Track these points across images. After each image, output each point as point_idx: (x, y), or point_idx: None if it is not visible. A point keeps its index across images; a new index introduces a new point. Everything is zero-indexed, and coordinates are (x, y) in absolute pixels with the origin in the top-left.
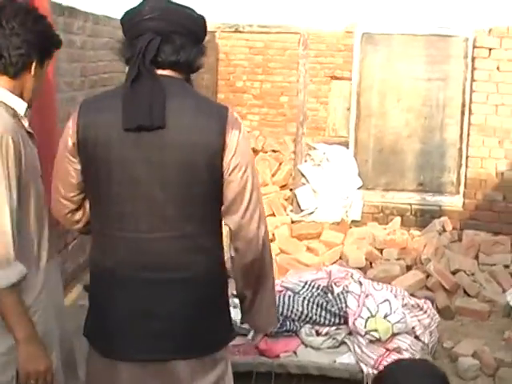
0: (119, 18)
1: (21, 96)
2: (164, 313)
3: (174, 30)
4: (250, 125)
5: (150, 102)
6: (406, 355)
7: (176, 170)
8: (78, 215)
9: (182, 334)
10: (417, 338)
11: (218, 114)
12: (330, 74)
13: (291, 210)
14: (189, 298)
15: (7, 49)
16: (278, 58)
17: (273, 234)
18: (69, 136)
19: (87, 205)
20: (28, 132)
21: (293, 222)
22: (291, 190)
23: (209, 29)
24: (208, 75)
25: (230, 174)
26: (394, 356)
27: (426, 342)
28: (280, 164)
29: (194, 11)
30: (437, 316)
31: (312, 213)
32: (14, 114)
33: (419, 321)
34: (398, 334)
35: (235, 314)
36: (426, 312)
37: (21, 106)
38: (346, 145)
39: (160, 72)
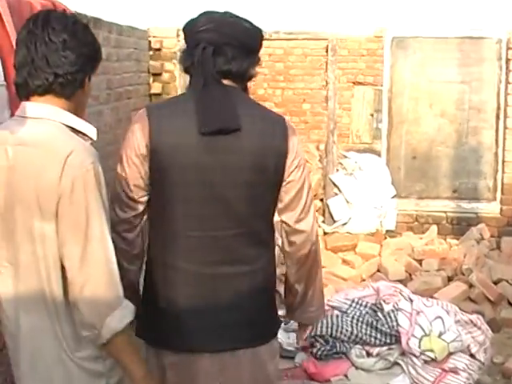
0: (142, 27)
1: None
2: (233, 304)
3: (226, 42)
4: None
5: (224, 107)
6: (464, 376)
7: (248, 172)
8: (139, 219)
9: (249, 324)
10: (472, 356)
11: (280, 121)
12: (353, 80)
13: (323, 221)
14: (254, 289)
15: (63, 66)
16: (299, 64)
17: None
18: (137, 141)
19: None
20: None
21: (325, 233)
22: (321, 200)
23: None
24: None
25: (290, 174)
26: (451, 377)
27: (482, 360)
28: (308, 173)
29: (250, 23)
30: (490, 331)
31: (345, 224)
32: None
33: (473, 338)
34: (453, 353)
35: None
36: (479, 328)
37: (91, 131)
38: (370, 151)
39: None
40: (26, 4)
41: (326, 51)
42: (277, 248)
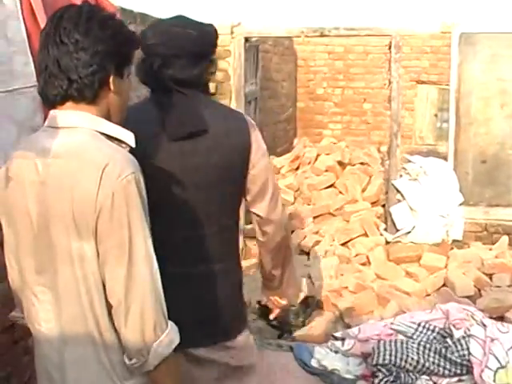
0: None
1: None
2: (210, 301)
3: (173, 54)
4: (332, 134)
5: (187, 112)
6: None
7: (218, 171)
8: None
9: (224, 320)
10: None
11: (242, 118)
12: (416, 79)
13: (385, 229)
14: (227, 286)
15: (76, 70)
16: (359, 62)
17: (367, 257)
18: None
19: None
20: None
21: (387, 242)
22: (383, 206)
23: (290, 34)
24: (287, 83)
25: (255, 167)
26: None
27: None
28: (370, 178)
29: (198, 29)
30: None
31: (409, 233)
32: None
33: None
34: None
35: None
36: None
37: (129, 137)
38: (434, 153)
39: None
40: None
41: (389, 48)
42: None
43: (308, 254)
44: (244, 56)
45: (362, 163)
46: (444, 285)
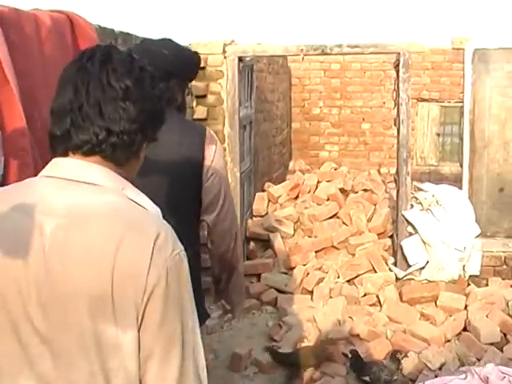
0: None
1: None
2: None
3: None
4: (328, 156)
5: None
6: None
7: (168, 178)
8: None
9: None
10: None
11: (199, 132)
12: (416, 96)
13: (393, 263)
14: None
15: (119, 122)
16: (357, 80)
17: (377, 297)
18: None
19: None
20: None
21: (397, 279)
22: (391, 237)
23: (288, 52)
24: (282, 103)
25: (208, 180)
26: None
27: None
28: (375, 206)
29: (173, 51)
30: None
31: (422, 268)
32: None
33: None
34: None
35: None
36: None
37: (154, 209)
38: (436, 174)
39: None
40: (28, 17)
41: (396, 66)
42: None
43: (311, 292)
44: (238, 77)
45: (365, 190)
46: (465, 329)
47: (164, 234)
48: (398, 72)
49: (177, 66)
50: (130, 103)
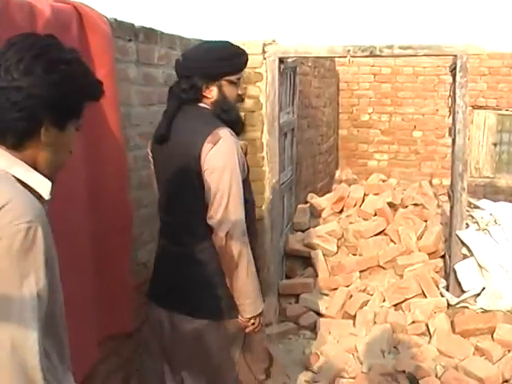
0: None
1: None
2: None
3: (187, 75)
4: (377, 165)
5: (162, 122)
6: None
7: (176, 173)
8: None
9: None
10: None
11: (205, 131)
12: (472, 103)
13: (445, 287)
14: (191, 268)
15: (2, 110)
16: (408, 85)
17: (426, 326)
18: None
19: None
20: None
21: (449, 305)
22: (443, 257)
23: (333, 53)
24: (328, 109)
25: (206, 181)
26: None
27: None
28: (426, 223)
29: (211, 51)
30: None
31: (478, 295)
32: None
33: None
34: None
35: None
36: None
37: (43, 187)
38: (492, 187)
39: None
40: (20, 7)
41: (452, 70)
42: None
43: (354, 317)
44: (279, 80)
45: (415, 204)
46: None
47: (11, 205)
48: (454, 76)
49: (188, 65)
50: (16, 92)
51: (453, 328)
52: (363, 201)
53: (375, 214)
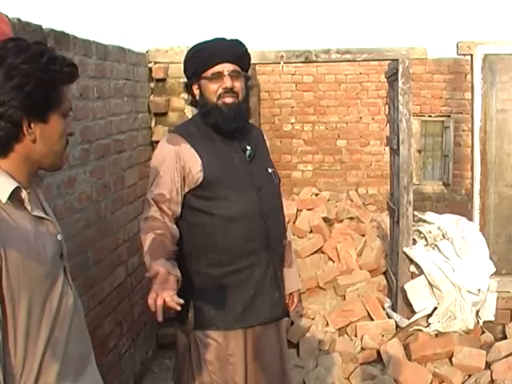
0: (138, 49)
1: (30, 170)
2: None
3: None
4: (301, 176)
5: None
6: None
7: None
8: None
9: None
10: None
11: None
12: None
13: (390, 307)
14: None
15: None
16: (331, 93)
17: (377, 353)
18: None
19: None
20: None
21: (398, 327)
22: (384, 273)
23: (265, 59)
24: (251, 120)
25: None
26: None
27: None
28: (364, 237)
29: (188, 51)
30: None
31: (429, 315)
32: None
33: None
34: None
35: None
36: None
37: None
38: (419, 194)
39: None
40: None
41: (391, 76)
42: None
43: (297, 346)
44: None
45: (351, 218)
46: None
47: None
48: (391, 83)
49: (185, 67)
50: None
51: (408, 354)
52: (296, 217)
53: (311, 231)
